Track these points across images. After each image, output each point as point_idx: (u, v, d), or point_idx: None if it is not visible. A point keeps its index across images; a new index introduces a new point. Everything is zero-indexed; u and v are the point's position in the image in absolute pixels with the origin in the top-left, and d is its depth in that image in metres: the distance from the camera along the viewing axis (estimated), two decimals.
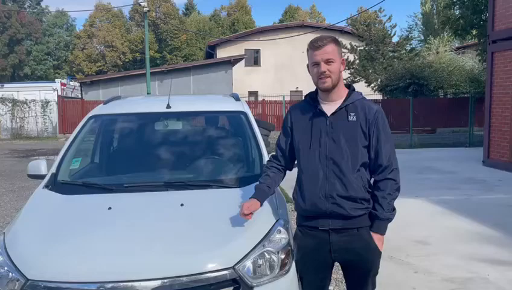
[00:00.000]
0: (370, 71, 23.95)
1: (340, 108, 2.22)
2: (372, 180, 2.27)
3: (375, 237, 2.20)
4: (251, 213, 2.24)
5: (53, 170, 2.98)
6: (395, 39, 26.27)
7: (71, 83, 26.17)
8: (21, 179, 9.55)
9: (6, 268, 2.11)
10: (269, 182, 2.38)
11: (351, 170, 2.16)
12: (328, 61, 2.15)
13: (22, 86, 23.83)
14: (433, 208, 6.45)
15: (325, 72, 2.15)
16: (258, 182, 2.40)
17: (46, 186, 2.86)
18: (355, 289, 2.35)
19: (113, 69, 43.28)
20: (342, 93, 2.26)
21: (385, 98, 23.66)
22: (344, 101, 2.24)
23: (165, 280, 2.00)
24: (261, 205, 2.32)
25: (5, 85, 23.16)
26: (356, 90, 2.32)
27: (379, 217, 2.18)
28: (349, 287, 2.40)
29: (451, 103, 21.96)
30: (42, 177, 3.03)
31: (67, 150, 3.15)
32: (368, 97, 2.36)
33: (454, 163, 10.93)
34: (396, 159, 2.23)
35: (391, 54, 24.76)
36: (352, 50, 24.56)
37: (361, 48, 24.80)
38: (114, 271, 2.01)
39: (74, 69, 45.48)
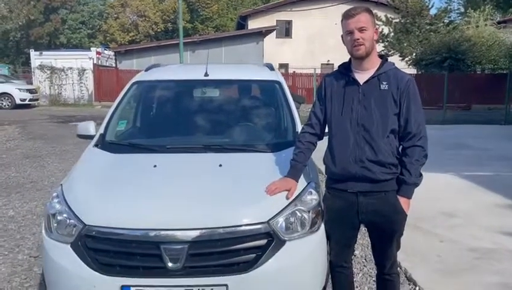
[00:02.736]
0: (405, 44, 23.31)
1: (372, 77, 2.32)
2: (401, 148, 2.38)
3: (402, 200, 2.33)
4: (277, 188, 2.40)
5: (101, 130, 3.24)
6: (432, 11, 25.36)
7: (106, 52, 26.71)
8: (61, 142, 10.07)
9: (65, 215, 2.37)
10: (303, 158, 2.51)
11: (381, 136, 2.28)
12: (361, 29, 2.24)
13: (60, 54, 24.55)
14: (463, 182, 6.46)
15: (358, 39, 2.24)
16: (293, 160, 2.50)
17: (96, 145, 3.12)
18: (381, 249, 2.48)
19: (145, 39, 43.67)
20: (375, 62, 2.35)
21: (419, 72, 23.10)
22: (377, 70, 2.33)
23: (204, 231, 2.20)
24: (297, 182, 2.46)
25: (44, 53, 23.91)
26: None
27: (406, 181, 2.30)
28: (375, 248, 2.54)
29: (488, 79, 21.26)
30: (91, 137, 3.29)
31: (113, 113, 3.39)
32: None
33: (487, 140, 10.72)
34: (425, 127, 2.33)
35: (428, 27, 23.95)
36: (387, 22, 23.87)
37: (397, 20, 24.08)
38: (158, 221, 2.23)
39: (108, 38, 46.15)
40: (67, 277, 2.26)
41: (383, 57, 2.41)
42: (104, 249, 2.23)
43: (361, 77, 2.34)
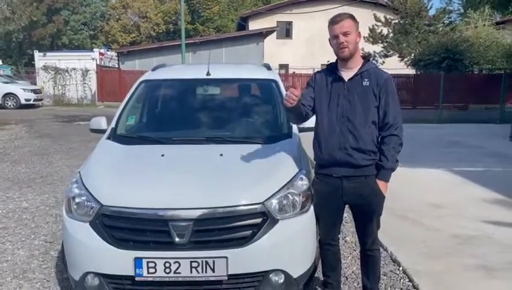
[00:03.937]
0: (404, 45, 23.59)
1: (356, 74, 2.64)
2: (380, 137, 2.69)
3: (380, 183, 2.64)
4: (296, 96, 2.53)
5: (113, 125, 3.57)
6: (432, 12, 25.63)
7: (108, 53, 27.06)
8: (67, 140, 10.39)
9: (84, 198, 2.68)
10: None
11: (363, 126, 2.60)
12: (345, 34, 2.57)
13: (63, 55, 24.93)
14: (454, 177, 6.70)
15: (343, 42, 2.57)
16: None
17: (108, 138, 3.44)
18: (363, 227, 2.81)
19: (146, 40, 44.07)
20: (358, 62, 2.67)
21: (418, 72, 23.38)
22: (360, 68, 2.65)
23: (206, 210, 2.51)
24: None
25: (48, 54, 24.26)
26: (385, 63, 2.71)
27: (384, 166, 2.62)
28: (358, 227, 2.86)
29: (485, 79, 21.54)
30: (103, 131, 3.61)
31: (123, 109, 3.72)
32: (400, 72, 2.72)
33: (481, 138, 10.99)
34: (401, 118, 2.65)
35: (426, 28, 24.25)
36: (387, 23, 24.19)
37: (396, 21, 24.38)
38: (166, 201, 2.54)
39: (109, 39, 46.54)
40: (86, 250, 2.57)
41: (366, 57, 2.74)
42: (119, 227, 2.54)
43: (346, 75, 2.67)
